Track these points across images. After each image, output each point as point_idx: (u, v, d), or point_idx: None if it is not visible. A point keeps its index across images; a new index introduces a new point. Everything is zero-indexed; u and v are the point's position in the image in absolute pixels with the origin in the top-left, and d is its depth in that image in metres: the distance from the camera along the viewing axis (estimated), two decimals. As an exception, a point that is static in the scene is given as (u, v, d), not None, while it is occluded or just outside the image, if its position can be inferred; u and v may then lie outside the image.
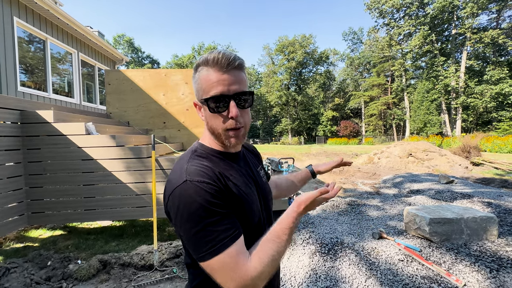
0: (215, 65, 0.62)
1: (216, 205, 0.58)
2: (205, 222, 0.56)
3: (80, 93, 7.43)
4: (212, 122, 0.66)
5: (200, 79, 0.64)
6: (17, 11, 5.19)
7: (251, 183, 0.74)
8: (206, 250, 0.56)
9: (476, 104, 25.81)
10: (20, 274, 2.33)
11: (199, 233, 0.56)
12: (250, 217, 0.68)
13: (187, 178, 0.59)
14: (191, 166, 0.62)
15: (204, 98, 0.64)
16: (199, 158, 0.67)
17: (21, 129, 2.91)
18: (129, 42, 46.28)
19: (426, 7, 28.43)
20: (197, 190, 0.57)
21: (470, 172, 8.48)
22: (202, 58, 0.64)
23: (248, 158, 0.83)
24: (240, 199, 0.65)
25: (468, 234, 2.53)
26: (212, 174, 0.62)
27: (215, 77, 0.62)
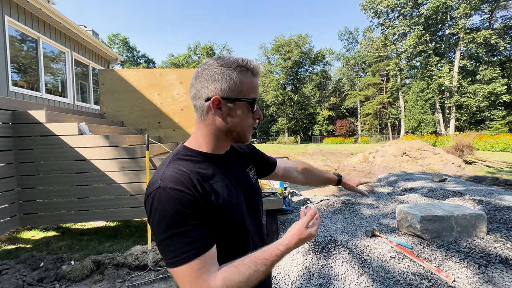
0: (257, 73, 0.68)
1: (186, 215, 0.57)
2: (171, 231, 0.56)
3: (73, 93, 7.35)
4: (244, 120, 0.68)
5: (241, 81, 0.65)
6: (8, 10, 5.12)
7: (235, 185, 0.73)
8: (169, 258, 0.56)
9: (469, 103, 26.21)
10: (12, 276, 2.31)
11: (164, 241, 0.57)
12: (231, 222, 0.67)
13: (161, 185, 0.59)
14: (168, 171, 0.62)
15: (245, 98, 0.66)
16: (178, 162, 0.66)
17: (12, 130, 2.88)
18: (124, 41, 45.85)
19: (420, 7, 28.75)
20: (168, 198, 0.57)
21: (463, 171, 8.61)
22: (241, 60, 0.66)
23: (236, 159, 0.82)
24: (219, 206, 0.64)
25: (458, 231, 2.58)
26: (188, 180, 0.61)
27: (254, 82, 0.67)
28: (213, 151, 0.71)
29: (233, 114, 0.67)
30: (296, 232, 0.65)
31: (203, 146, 0.70)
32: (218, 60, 0.65)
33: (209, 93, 0.65)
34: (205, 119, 0.68)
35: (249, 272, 0.58)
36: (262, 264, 0.59)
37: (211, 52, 44.61)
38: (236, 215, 0.68)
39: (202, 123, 0.69)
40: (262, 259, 0.60)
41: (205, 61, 0.67)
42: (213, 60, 0.66)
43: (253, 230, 0.77)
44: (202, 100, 0.66)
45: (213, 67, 0.64)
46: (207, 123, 0.68)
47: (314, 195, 5.23)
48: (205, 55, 44.37)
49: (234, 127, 0.68)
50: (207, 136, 0.69)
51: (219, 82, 0.64)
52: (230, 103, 0.65)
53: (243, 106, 0.67)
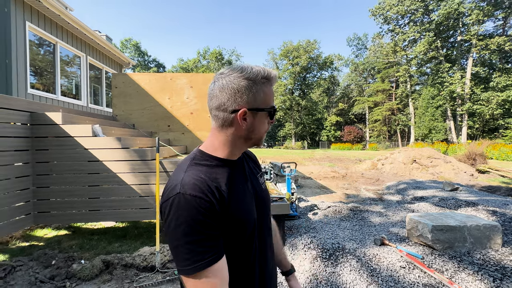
0: (273, 82, 0.71)
1: (202, 223, 0.58)
2: (186, 239, 0.57)
3: (87, 96, 7.58)
4: (261, 127, 0.71)
5: (264, 92, 0.69)
6: (30, 16, 5.36)
7: (248, 191, 0.75)
8: (181, 266, 0.58)
9: (482, 111, 25.53)
10: (25, 273, 2.38)
11: (179, 247, 0.58)
12: (242, 228, 0.68)
13: (181, 191, 0.60)
14: (187, 177, 0.63)
15: (267, 108, 0.70)
16: (197, 167, 0.67)
17: (30, 130, 2.99)
18: (136, 46, 47.06)
19: (431, 14, 28.45)
20: (187, 205, 0.58)
21: (476, 180, 8.36)
22: (263, 71, 0.68)
23: (248, 165, 0.84)
24: (233, 212, 0.65)
25: (471, 242, 2.51)
26: (207, 187, 0.62)
27: (272, 91, 0.72)
28: (228, 157, 0.72)
29: (255, 122, 0.69)
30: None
31: (219, 151, 0.71)
32: (243, 73, 0.66)
33: (236, 106, 0.66)
34: (227, 129, 0.69)
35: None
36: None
37: (220, 57, 45.20)
38: (248, 221, 0.70)
39: (223, 131, 0.70)
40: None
41: (228, 72, 0.68)
42: (237, 72, 0.67)
43: (262, 236, 0.78)
44: (227, 112, 0.67)
45: (239, 79, 0.66)
46: (228, 132, 0.70)
47: (321, 202, 5.18)
48: (214, 60, 45.00)
49: (253, 134, 0.71)
50: (225, 143, 0.71)
51: (245, 95, 0.66)
52: (254, 113, 0.69)
53: (264, 114, 0.70)
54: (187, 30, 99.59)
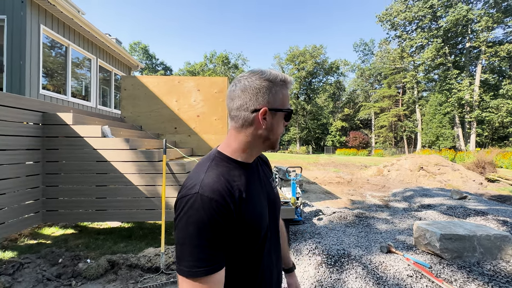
0: (289, 85, 0.74)
1: (211, 229, 0.58)
2: (193, 240, 0.57)
3: (96, 97, 7.72)
4: (278, 129, 0.73)
5: (282, 93, 0.72)
6: (44, 19, 5.53)
7: (262, 194, 0.76)
8: (180, 265, 0.58)
9: (492, 119, 25.08)
10: (33, 270, 2.41)
11: (183, 246, 0.58)
12: (256, 231, 0.68)
13: (200, 191, 0.60)
14: (207, 177, 0.64)
15: (285, 109, 0.73)
16: (217, 168, 0.68)
17: (42, 130, 3.06)
18: (144, 49, 47.91)
19: (439, 20, 28.27)
20: (202, 207, 0.58)
21: (485, 189, 8.18)
22: (281, 75, 0.72)
23: (262, 169, 0.85)
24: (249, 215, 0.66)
25: (481, 252, 2.45)
26: (226, 190, 0.62)
27: (288, 95, 0.74)
28: (246, 159, 0.74)
29: (273, 123, 0.72)
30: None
31: (237, 153, 0.72)
32: (264, 75, 0.70)
33: (258, 105, 0.69)
34: (246, 129, 0.71)
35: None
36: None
37: (226, 61, 45.62)
38: (261, 224, 0.70)
39: (243, 132, 0.71)
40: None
41: (249, 75, 0.71)
42: (258, 75, 0.70)
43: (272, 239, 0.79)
44: (248, 112, 0.69)
45: (260, 80, 0.69)
46: (248, 133, 0.71)
47: (326, 207, 5.13)
48: (220, 64, 45.41)
49: (271, 135, 0.73)
50: (244, 144, 0.72)
51: (266, 95, 0.69)
52: (273, 113, 0.71)
53: (282, 116, 0.73)
54: (195, 34, 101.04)
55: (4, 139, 2.59)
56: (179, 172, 3.19)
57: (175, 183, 3.18)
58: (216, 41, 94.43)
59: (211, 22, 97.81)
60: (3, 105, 2.58)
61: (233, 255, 0.66)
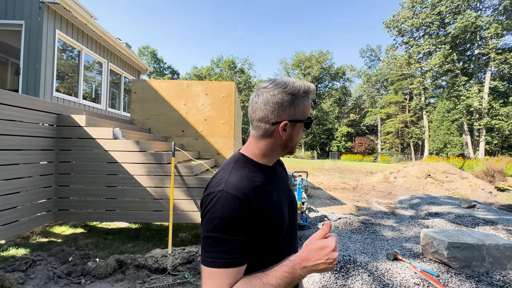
0: (311, 94, 0.76)
1: (235, 224, 0.61)
2: (216, 234, 0.61)
3: (106, 100, 7.91)
4: (297, 137, 0.77)
5: (302, 104, 0.74)
6: (60, 24, 5.74)
7: (283, 196, 0.79)
8: (204, 256, 0.62)
9: (502, 126, 24.63)
10: (44, 267, 2.48)
11: (207, 239, 0.62)
12: (277, 231, 0.72)
13: (224, 188, 0.64)
14: (232, 177, 0.68)
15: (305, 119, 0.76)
16: (240, 170, 0.72)
17: (56, 131, 3.17)
18: (153, 53, 48.81)
19: (447, 27, 28.10)
20: (226, 203, 0.62)
21: (494, 198, 8.01)
22: (304, 86, 0.73)
23: (280, 172, 0.89)
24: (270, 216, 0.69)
25: (490, 262, 2.42)
26: (249, 190, 0.66)
27: (309, 104, 0.77)
28: (266, 163, 0.78)
29: (294, 132, 0.75)
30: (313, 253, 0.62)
31: (258, 157, 0.76)
32: (287, 88, 0.71)
33: (278, 118, 0.71)
34: (267, 138, 0.74)
35: (259, 285, 0.60)
36: (273, 278, 0.61)
37: (232, 65, 46.10)
38: (282, 224, 0.74)
39: (263, 140, 0.75)
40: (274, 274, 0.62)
41: (272, 87, 0.73)
42: (281, 88, 0.72)
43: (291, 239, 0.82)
44: (269, 124, 0.72)
45: (283, 94, 0.71)
46: (268, 142, 0.74)
47: (332, 213, 5.11)
48: (227, 68, 45.90)
49: (290, 142, 0.76)
50: (264, 150, 0.76)
51: (288, 108, 0.72)
52: (293, 124, 0.74)
53: (302, 125, 0.76)
54: (201, 38, 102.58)
55: (20, 139, 2.70)
56: (187, 174, 3.24)
57: (183, 185, 3.23)
58: (223, 46, 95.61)
59: (217, 27, 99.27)
60: (20, 107, 2.69)
61: (254, 253, 0.68)
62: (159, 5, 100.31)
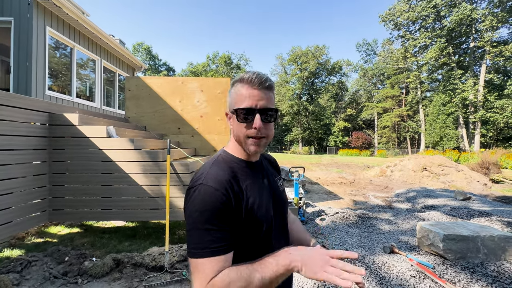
0: (248, 82, 0.71)
1: (216, 214, 0.63)
2: (199, 225, 0.63)
3: (101, 98, 7.80)
4: (238, 129, 0.74)
5: (235, 93, 0.75)
6: (50, 21, 5.61)
7: (266, 191, 0.79)
8: (190, 248, 0.63)
9: (496, 119, 24.86)
10: (40, 268, 2.46)
11: (191, 231, 0.64)
12: (258, 223, 0.72)
13: (203, 182, 0.67)
14: (211, 170, 0.71)
15: (234, 108, 0.73)
16: (220, 163, 0.74)
17: (48, 130, 3.11)
18: (147, 50, 48.17)
19: (442, 20, 28.07)
20: (205, 195, 0.64)
21: (489, 190, 8.12)
22: (239, 76, 0.74)
23: (267, 168, 0.88)
24: (249, 207, 0.70)
25: (485, 253, 2.45)
26: (227, 182, 0.68)
27: (246, 93, 0.72)
28: (245, 157, 0.79)
29: (234, 124, 0.76)
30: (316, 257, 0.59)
31: (237, 152, 0.79)
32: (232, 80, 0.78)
33: (227, 110, 0.79)
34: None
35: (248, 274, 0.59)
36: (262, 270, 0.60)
37: (228, 61, 45.73)
38: (264, 217, 0.73)
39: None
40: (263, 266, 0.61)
41: None
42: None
43: (279, 234, 0.81)
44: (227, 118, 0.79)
45: (230, 87, 0.79)
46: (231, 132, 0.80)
47: (329, 207, 5.14)
48: (223, 64, 45.54)
49: (236, 136, 0.76)
50: (233, 143, 0.80)
51: (228, 98, 0.78)
52: (232, 115, 0.75)
53: (234, 116, 0.74)
54: (197, 34, 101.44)
55: (11, 139, 2.64)
56: (183, 172, 3.22)
57: (179, 183, 3.21)
58: (219, 42, 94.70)
59: (213, 23, 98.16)
60: (11, 106, 2.63)
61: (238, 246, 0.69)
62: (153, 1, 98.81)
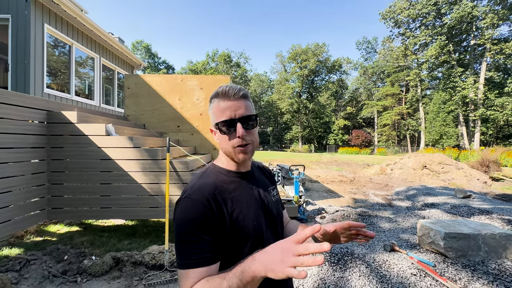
0: (224, 95, 0.74)
1: (198, 226, 0.64)
2: (182, 238, 0.65)
3: (100, 96, 7.76)
4: (223, 142, 0.76)
5: (213, 108, 0.76)
6: (48, 18, 5.56)
7: (255, 203, 0.78)
8: (176, 260, 0.66)
9: (496, 117, 24.82)
10: (39, 266, 2.44)
11: (177, 244, 0.66)
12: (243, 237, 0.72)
13: (187, 195, 0.69)
14: (197, 183, 0.72)
15: (216, 122, 0.75)
16: (207, 176, 0.76)
17: (46, 128, 3.09)
18: (147, 48, 47.97)
19: (443, 17, 27.94)
20: (188, 208, 0.66)
21: (489, 188, 8.12)
22: (214, 93, 0.77)
23: (258, 178, 0.87)
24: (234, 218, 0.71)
25: (486, 251, 2.44)
26: (210, 194, 0.69)
27: (224, 105, 0.74)
28: (234, 169, 0.79)
29: (219, 138, 0.77)
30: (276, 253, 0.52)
31: (224, 164, 0.80)
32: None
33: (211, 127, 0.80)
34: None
35: (218, 283, 0.58)
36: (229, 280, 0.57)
37: (228, 59, 45.56)
38: (251, 228, 0.73)
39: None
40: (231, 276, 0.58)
41: None
42: None
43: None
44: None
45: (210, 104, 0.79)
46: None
47: (329, 205, 5.13)
48: (222, 62, 45.38)
49: (223, 149, 0.77)
50: (222, 156, 0.81)
51: (211, 116, 0.78)
52: (215, 131, 0.77)
53: (218, 130, 0.75)
54: (197, 32, 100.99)
55: (9, 137, 2.62)
56: (183, 170, 3.20)
57: (179, 181, 3.19)
58: (218, 41, 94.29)
59: (213, 21, 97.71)
60: (9, 104, 2.60)
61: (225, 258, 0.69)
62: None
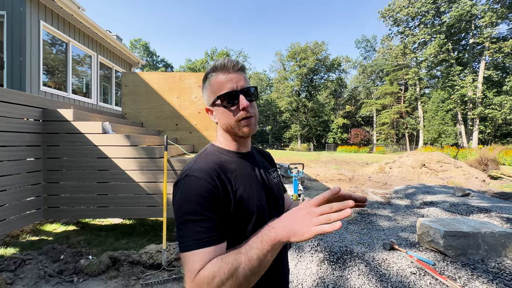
0: (223, 68, 0.71)
1: (203, 204, 0.60)
2: (187, 217, 0.60)
3: (97, 94, 7.70)
4: (226, 117, 0.73)
5: (211, 84, 0.73)
6: (44, 15, 5.49)
7: (257, 183, 0.77)
8: (180, 243, 0.60)
9: (495, 116, 24.90)
10: (34, 266, 2.41)
11: (180, 225, 0.61)
12: (249, 213, 0.69)
13: (188, 173, 0.65)
14: (197, 163, 0.69)
15: (217, 95, 0.72)
16: (207, 156, 0.73)
17: (42, 126, 3.05)
18: (145, 46, 47.74)
19: (442, 16, 27.92)
20: (191, 186, 0.62)
21: (488, 186, 8.14)
22: (210, 67, 0.74)
23: (258, 160, 0.86)
24: (238, 197, 0.68)
25: (485, 249, 2.43)
26: (212, 170, 0.66)
27: (224, 78, 0.71)
28: (234, 149, 0.77)
29: (219, 114, 0.74)
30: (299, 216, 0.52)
31: (224, 144, 0.78)
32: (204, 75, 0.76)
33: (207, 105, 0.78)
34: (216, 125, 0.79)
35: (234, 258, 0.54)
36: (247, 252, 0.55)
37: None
38: (254, 207, 0.71)
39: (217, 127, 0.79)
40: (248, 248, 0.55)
41: None
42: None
43: None
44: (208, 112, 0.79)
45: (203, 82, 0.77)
46: (218, 128, 0.79)
47: (328, 204, 5.11)
48: (221, 61, 45.22)
49: (225, 125, 0.74)
50: (221, 136, 0.79)
51: (205, 94, 0.77)
52: (213, 107, 0.75)
53: (220, 104, 0.72)
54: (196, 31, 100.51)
55: (4, 135, 2.58)
56: (180, 168, 3.17)
57: (177, 180, 3.16)
58: (219, 40, 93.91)
59: (212, 20, 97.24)
60: (3, 101, 2.56)
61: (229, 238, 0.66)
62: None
